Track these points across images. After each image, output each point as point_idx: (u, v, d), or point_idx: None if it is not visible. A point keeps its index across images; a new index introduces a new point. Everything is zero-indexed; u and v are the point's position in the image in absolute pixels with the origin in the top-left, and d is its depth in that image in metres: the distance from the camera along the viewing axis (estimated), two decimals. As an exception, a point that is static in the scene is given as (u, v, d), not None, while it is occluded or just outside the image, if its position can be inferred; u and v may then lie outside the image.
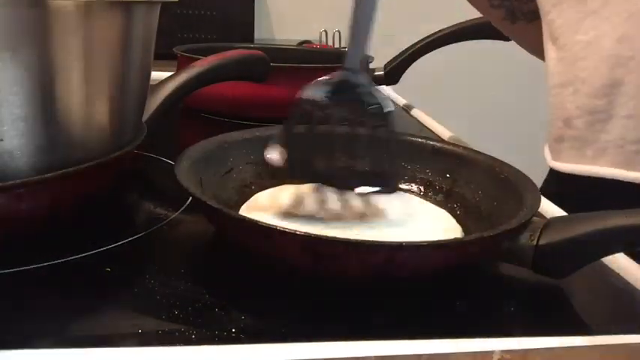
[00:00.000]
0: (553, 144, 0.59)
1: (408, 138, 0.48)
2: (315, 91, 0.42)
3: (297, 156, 0.41)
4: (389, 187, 0.41)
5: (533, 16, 0.67)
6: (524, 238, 0.35)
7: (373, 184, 0.41)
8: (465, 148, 0.47)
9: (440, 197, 0.45)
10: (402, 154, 0.47)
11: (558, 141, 0.58)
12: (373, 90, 0.43)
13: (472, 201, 0.43)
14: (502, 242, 0.35)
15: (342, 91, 0.43)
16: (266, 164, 0.43)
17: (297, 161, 0.41)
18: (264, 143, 0.44)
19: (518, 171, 0.42)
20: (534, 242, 0.35)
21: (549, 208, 0.48)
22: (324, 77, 0.43)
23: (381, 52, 0.84)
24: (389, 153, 0.42)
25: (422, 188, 0.46)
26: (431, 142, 0.47)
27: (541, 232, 0.35)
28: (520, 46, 0.74)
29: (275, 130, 0.45)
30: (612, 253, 0.37)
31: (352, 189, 0.40)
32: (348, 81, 0.43)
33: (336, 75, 0.43)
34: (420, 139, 0.48)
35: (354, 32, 0.42)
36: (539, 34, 0.66)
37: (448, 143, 0.50)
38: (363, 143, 0.42)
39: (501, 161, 0.44)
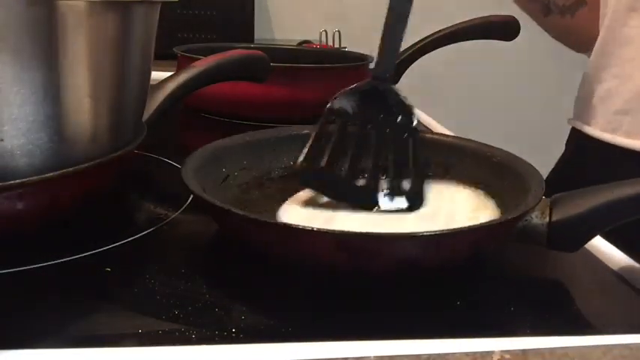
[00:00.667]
0: (611, 116, 0.56)
1: None
2: (342, 101, 0.42)
3: (323, 171, 0.40)
4: (414, 204, 0.40)
5: (567, 11, 0.68)
6: (536, 217, 0.35)
7: (398, 200, 0.40)
8: (453, 137, 0.47)
9: None
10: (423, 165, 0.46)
11: (621, 113, 0.55)
12: (402, 100, 0.43)
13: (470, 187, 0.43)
14: (518, 223, 0.35)
15: (370, 100, 0.42)
16: (261, 168, 0.44)
17: (322, 175, 0.41)
18: (255, 148, 0.44)
19: (508, 153, 0.42)
20: (546, 219, 0.35)
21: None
22: (351, 86, 0.42)
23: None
24: (415, 167, 0.42)
25: None
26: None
27: (551, 210, 0.35)
28: (548, 34, 0.75)
29: (264, 133, 0.45)
30: (622, 221, 0.37)
31: (374, 206, 0.40)
32: (376, 89, 0.42)
33: (364, 83, 0.42)
34: None
35: (386, 41, 0.42)
36: (570, 25, 0.67)
37: (436, 134, 0.50)
38: (387, 156, 0.42)
39: (491, 146, 0.44)
